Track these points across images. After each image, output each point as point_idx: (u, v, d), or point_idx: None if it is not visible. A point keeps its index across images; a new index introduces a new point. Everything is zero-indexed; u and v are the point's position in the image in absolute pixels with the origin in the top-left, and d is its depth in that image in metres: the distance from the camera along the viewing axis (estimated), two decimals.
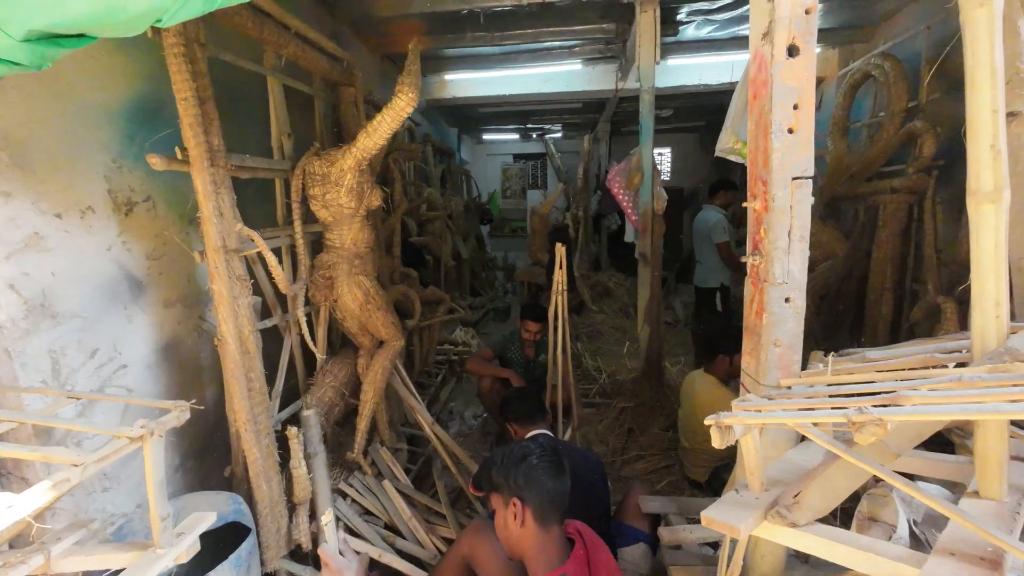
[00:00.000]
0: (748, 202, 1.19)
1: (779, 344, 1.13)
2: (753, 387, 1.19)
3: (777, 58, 1.03)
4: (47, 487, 0.93)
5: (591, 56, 4.47)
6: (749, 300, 1.21)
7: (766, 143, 1.08)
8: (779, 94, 1.04)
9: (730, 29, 3.99)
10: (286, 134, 2.15)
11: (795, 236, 1.09)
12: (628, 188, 3.49)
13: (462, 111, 6.36)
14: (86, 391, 1.52)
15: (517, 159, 9.42)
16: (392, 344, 2.28)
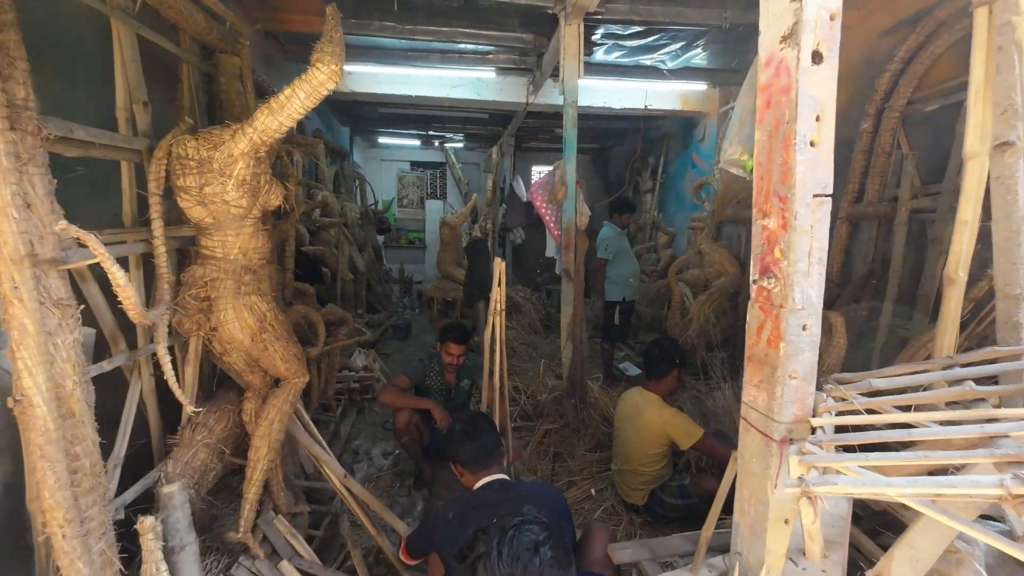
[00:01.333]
0: (756, 219, 1.08)
1: (795, 376, 1.03)
2: (765, 424, 1.07)
3: (803, 63, 0.94)
4: None
5: (505, 65, 4.35)
6: (757, 327, 1.10)
7: (787, 156, 0.98)
8: (804, 103, 0.95)
9: (635, 57, 4.21)
10: (141, 102, 1.57)
11: (815, 258, 1.00)
12: (551, 202, 3.39)
13: (358, 109, 5.79)
14: None
15: (415, 167, 8.97)
16: (293, 382, 1.79)
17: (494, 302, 2.15)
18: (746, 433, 1.15)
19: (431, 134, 7.48)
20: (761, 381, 1.09)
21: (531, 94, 4.59)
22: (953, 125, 2.38)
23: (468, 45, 3.95)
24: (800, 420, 1.04)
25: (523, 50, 3.98)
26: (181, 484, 1.47)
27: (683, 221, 5.25)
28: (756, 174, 1.09)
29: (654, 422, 2.30)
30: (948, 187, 2.38)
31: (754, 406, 1.12)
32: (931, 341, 2.10)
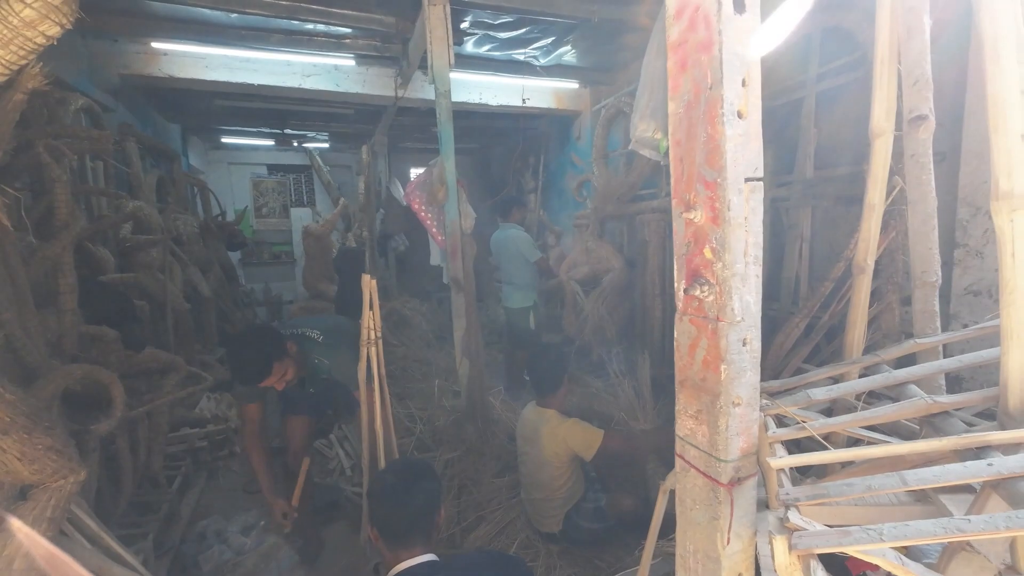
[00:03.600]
0: (678, 212, 0.87)
1: (739, 403, 0.84)
2: (708, 465, 0.87)
3: (725, 9, 0.73)
4: None
5: (365, 52, 3.85)
6: (689, 345, 0.89)
7: (713, 131, 0.77)
8: (729, 61, 0.75)
9: (507, 51, 4.03)
10: None
11: (751, 257, 0.81)
12: (431, 204, 3.03)
13: (186, 101, 4.75)
14: None
15: (273, 171, 7.84)
16: (50, 488, 1.18)
17: (366, 329, 1.74)
18: (685, 474, 0.94)
19: (288, 132, 6.55)
20: (699, 411, 0.88)
21: (400, 87, 4.16)
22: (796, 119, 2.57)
23: (317, 25, 3.39)
24: (747, 453, 0.85)
25: (385, 35, 3.55)
26: None
27: (568, 219, 5.27)
28: (673, 155, 0.87)
29: (554, 439, 2.10)
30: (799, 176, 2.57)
31: (692, 442, 0.91)
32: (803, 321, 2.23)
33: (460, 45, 3.75)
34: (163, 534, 2.26)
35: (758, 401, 0.87)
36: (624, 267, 3.97)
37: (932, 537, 0.51)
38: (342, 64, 4.07)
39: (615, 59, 4.32)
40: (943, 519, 0.52)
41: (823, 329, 2.13)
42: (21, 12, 0.86)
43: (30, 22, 0.87)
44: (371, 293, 1.71)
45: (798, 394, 0.96)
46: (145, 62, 3.60)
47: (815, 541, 0.57)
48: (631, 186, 3.97)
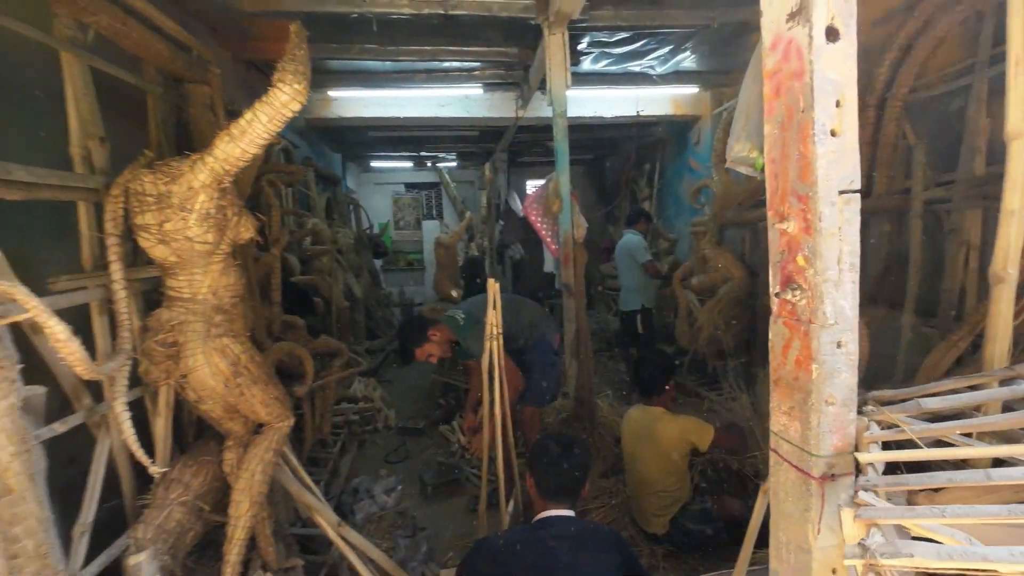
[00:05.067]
0: (772, 223, 0.95)
1: (832, 402, 0.88)
2: (800, 459, 0.92)
3: (816, 41, 0.81)
4: None
5: (492, 80, 4.30)
6: (783, 347, 0.96)
7: (805, 149, 0.85)
8: (821, 88, 0.82)
9: (623, 64, 4.14)
10: (96, 138, 1.47)
11: (846, 264, 0.86)
12: (546, 216, 3.28)
13: (348, 134, 5.75)
14: None
15: (410, 188, 8.93)
16: (276, 427, 1.65)
17: (490, 325, 2.02)
18: (778, 467, 1.00)
19: (423, 155, 7.44)
20: (792, 408, 0.95)
21: (520, 108, 4.52)
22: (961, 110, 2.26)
23: (453, 63, 3.90)
24: (842, 452, 0.89)
25: (509, 64, 3.92)
26: (151, 552, 1.33)
27: (683, 227, 5.12)
28: (769, 172, 0.96)
29: (670, 433, 2.17)
30: (963, 175, 2.25)
31: (785, 437, 0.97)
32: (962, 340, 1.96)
33: (577, 65, 3.97)
34: (328, 485, 2.83)
35: (855, 402, 0.90)
36: (745, 277, 3.77)
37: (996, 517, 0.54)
38: (471, 93, 4.56)
39: (737, 60, 4.13)
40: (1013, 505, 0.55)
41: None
42: (280, 97, 1.28)
43: (286, 103, 1.29)
44: (494, 295, 1.99)
45: (909, 403, 0.95)
46: (322, 107, 4.49)
47: (878, 513, 0.63)
48: (754, 191, 3.76)
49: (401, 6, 2.79)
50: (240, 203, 1.57)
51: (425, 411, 4.05)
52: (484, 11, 2.90)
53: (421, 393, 4.46)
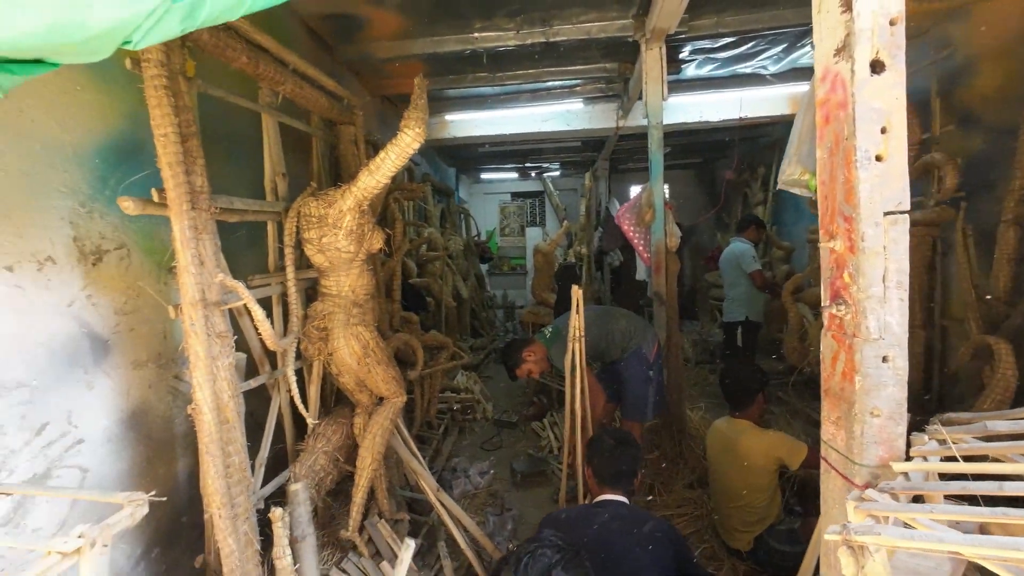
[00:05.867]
0: (822, 242, 1.01)
1: (877, 414, 0.92)
2: (845, 466, 0.97)
3: (859, 75, 0.88)
4: None
5: (592, 95, 4.46)
6: (831, 358, 1.01)
7: (849, 174, 0.91)
8: (864, 117, 0.88)
9: (731, 67, 4.00)
10: (280, 174, 1.99)
11: (891, 282, 0.90)
12: (639, 225, 3.35)
13: (461, 151, 6.35)
14: (28, 476, 1.26)
15: (515, 197, 9.43)
16: (393, 401, 2.04)
17: (572, 328, 2.20)
18: (827, 475, 1.04)
19: (528, 166, 7.84)
20: (839, 418, 0.99)
21: (621, 119, 4.61)
22: None
23: (554, 82, 4.15)
24: (887, 464, 0.92)
25: (608, 78, 4.05)
26: (304, 484, 1.76)
27: (801, 233, 4.72)
28: (820, 194, 1.02)
29: (756, 447, 2.12)
30: None
31: (833, 445, 1.01)
32: None
33: (679, 73, 3.95)
34: (432, 460, 3.24)
35: (904, 417, 0.92)
36: None
37: (979, 517, 0.58)
38: (572, 107, 4.77)
39: None
40: (998, 508, 0.59)
41: None
42: (405, 139, 1.64)
43: (409, 143, 1.64)
44: (577, 300, 2.17)
45: (976, 424, 0.92)
46: (440, 129, 5.07)
47: (876, 506, 0.69)
48: None
49: (507, 39, 3.11)
50: (373, 219, 1.99)
51: (519, 407, 4.34)
52: (583, 35, 3.09)
53: (517, 391, 4.76)
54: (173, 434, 1.72)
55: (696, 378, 4.94)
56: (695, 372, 5.10)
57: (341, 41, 3.14)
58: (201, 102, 1.57)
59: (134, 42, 0.88)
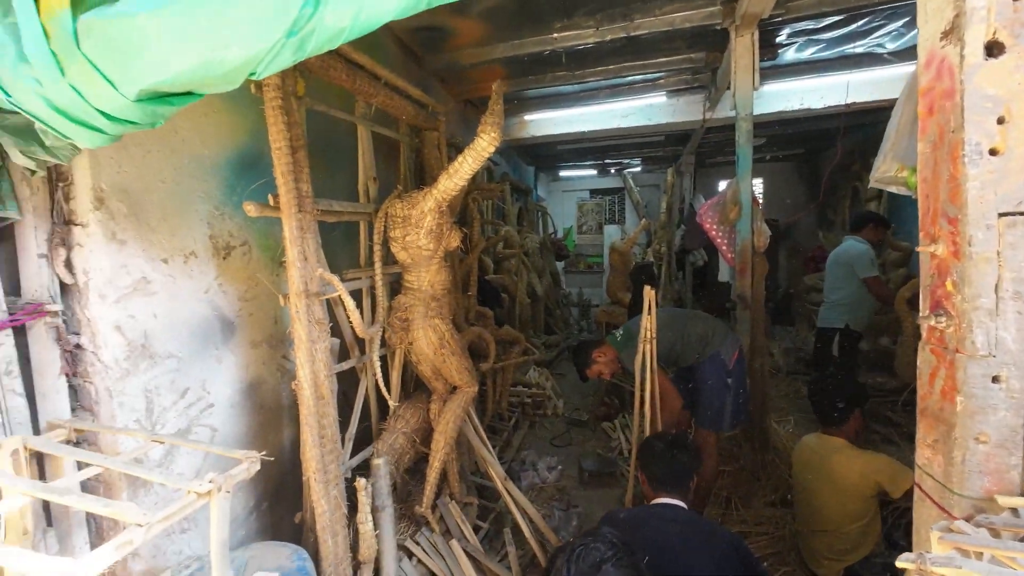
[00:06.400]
0: (922, 246, 0.91)
1: (984, 440, 0.82)
2: (941, 495, 0.87)
3: (969, 60, 0.78)
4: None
5: (676, 88, 4.28)
6: (929, 374, 0.91)
7: (954, 170, 0.82)
8: (973, 107, 0.79)
9: (838, 48, 3.61)
10: (372, 178, 2.20)
11: (1007, 292, 0.79)
12: (723, 223, 3.16)
13: (540, 149, 6.41)
14: (174, 430, 1.55)
15: (594, 194, 9.30)
16: (465, 391, 2.16)
17: (644, 329, 2.17)
18: (920, 504, 0.95)
19: (607, 162, 7.69)
20: (936, 441, 0.90)
21: (708, 111, 4.36)
22: None
23: (636, 76, 4.05)
24: (992, 497, 0.81)
25: (694, 69, 3.86)
26: (385, 459, 1.94)
27: None
28: (921, 192, 0.92)
29: (851, 468, 1.93)
30: None
31: (928, 471, 0.92)
32: None
33: (775, 59, 3.65)
34: (502, 451, 3.36)
35: (1019, 446, 0.81)
36: None
37: None
38: (654, 101, 4.61)
39: None
40: None
41: None
42: (481, 143, 1.73)
43: (485, 147, 1.73)
44: (650, 301, 2.12)
45: None
46: (519, 129, 5.17)
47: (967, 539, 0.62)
48: None
49: (587, 37, 3.10)
50: (452, 219, 2.12)
51: (590, 407, 4.31)
52: (666, 26, 2.99)
53: (589, 390, 4.73)
54: (281, 406, 1.99)
55: (787, 390, 4.55)
56: (786, 383, 4.69)
57: (428, 51, 3.35)
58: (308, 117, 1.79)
59: (258, 73, 1.05)
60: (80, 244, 1.34)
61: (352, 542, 1.77)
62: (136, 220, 1.45)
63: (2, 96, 1.03)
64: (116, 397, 1.39)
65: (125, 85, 0.99)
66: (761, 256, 2.94)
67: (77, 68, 0.97)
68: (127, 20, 0.91)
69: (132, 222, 1.43)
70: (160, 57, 0.95)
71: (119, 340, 1.40)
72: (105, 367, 1.36)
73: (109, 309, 1.38)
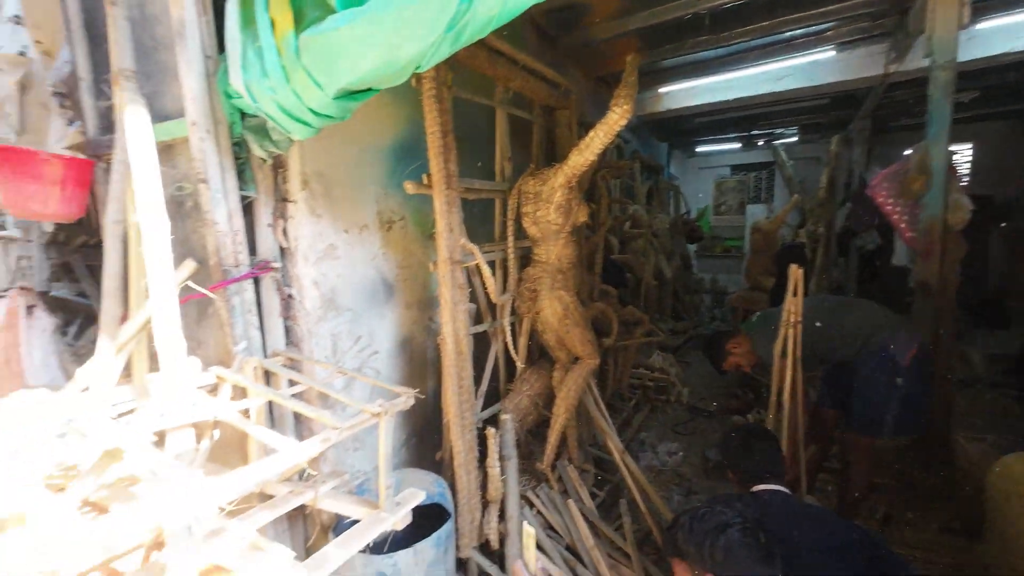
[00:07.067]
0: None
1: None
2: None
3: None
4: (318, 441, 1.18)
5: (847, 39, 3.65)
6: None
7: None
8: None
9: None
10: (507, 158, 2.36)
11: None
12: (901, 196, 2.66)
13: (675, 124, 6.03)
14: (351, 369, 1.93)
15: (735, 170, 8.42)
16: (587, 362, 2.24)
17: (787, 313, 1.98)
18: None
19: (755, 133, 6.88)
20: None
21: (893, 62, 3.64)
22: None
23: (795, 31, 3.55)
24: None
25: (875, 14, 3.25)
26: (511, 416, 2.14)
27: None
28: None
29: None
30: None
31: None
32: None
33: None
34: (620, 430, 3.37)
35: None
36: None
37: None
38: (819, 58, 4.00)
39: None
40: None
41: None
42: (612, 117, 1.75)
43: (616, 121, 1.75)
44: (796, 282, 1.93)
45: None
46: (653, 103, 4.94)
47: None
48: None
49: None
50: (580, 195, 2.18)
51: (718, 397, 4.06)
52: None
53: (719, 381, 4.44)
54: (426, 360, 2.31)
55: (987, 404, 3.69)
56: (986, 396, 3.80)
57: (563, 30, 3.39)
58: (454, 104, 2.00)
59: (422, 66, 1.23)
60: (292, 217, 1.74)
61: (481, 482, 2.00)
62: (328, 198, 1.81)
63: (251, 102, 1.38)
64: (313, 337, 1.78)
65: (328, 86, 1.26)
66: (957, 236, 2.42)
67: (298, 76, 1.27)
68: (333, 33, 1.16)
69: (325, 200, 1.80)
70: (353, 60, 1.18)
71: (315, 293, 1.79)
72: (307, 313, 1.76)
73: (309, 268, 1.76)
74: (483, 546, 1.99)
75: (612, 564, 2.01)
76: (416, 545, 1.55)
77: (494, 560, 1.97)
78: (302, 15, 1.26)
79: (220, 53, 1.51)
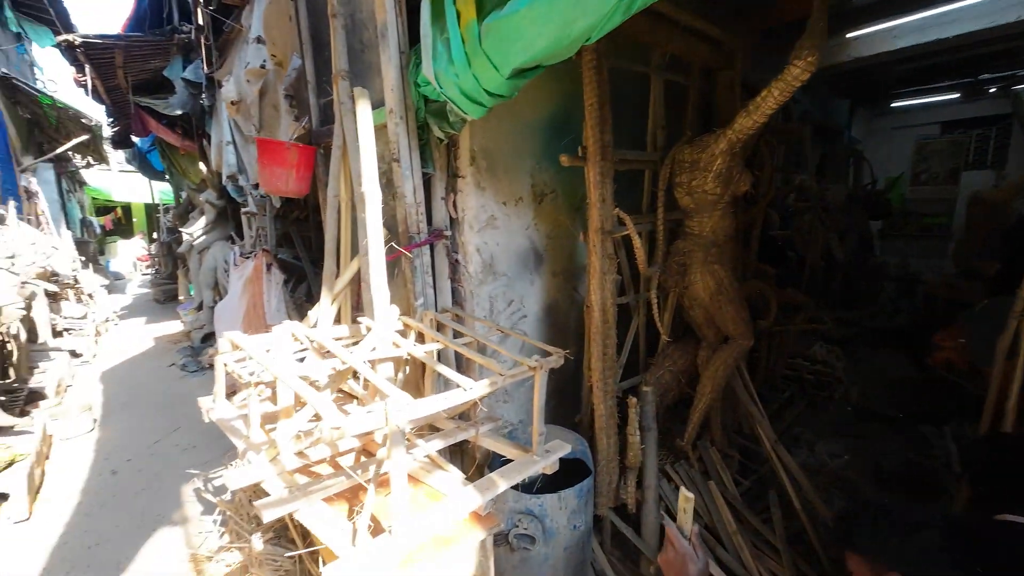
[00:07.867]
0: None
1: None
2: None
3: None
4: (486, 384, 1.36)
5: None
6: None
7: None
8: None
9: None
10: (660, 127, 2.28)
11: None
12: None
13: (865, 75, 5.03)
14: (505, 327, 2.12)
15: (947, 129, 6.71)
16: (739, 342, 2.11)
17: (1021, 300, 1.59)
18: None
19: (984, 78, 5.37)
20: None
21: None
22: None
23: None
24: None
25: None
26: (652, 389, 2.13)
27: None
28: None
29: None
30: None
31: None
32: None
33: None
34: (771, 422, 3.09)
35: None
36: None
37: None
38: None
39: None
40: None
41: None
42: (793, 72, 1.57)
43: (797, 75, 1.57)
44: None
45: None
46: (834, 53, 4.18)
47: None
48: None
49: None
50: (741, 162, 2.01)
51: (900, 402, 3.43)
52: None
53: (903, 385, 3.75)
54: (568, 327, 2.42)
55: None
56: None
57: None
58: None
59: (592, 38, 1.27)
60: (460, 190, 1.95)
61: (620, 448, 2.06)
62: (491, 173, 1.99)
63: (437, 88, 1.59)
64: (475, 298, 2.01)
65: (504, 67, 1.38)
66: None
67: (478, 61, 1.41)
68: (513, 17, 1.26)
69: (488, 174, 1.98)
70: (529, 40, 1.28)
71: (478, 259, 2.00)
72: (470, 276, 1.98)
73: (474, 236, 1.97)
74: (619, 508, 2.06)
75: (757, 555, 1.92)
76: (561, 492, 1.69)
77: (628, 524, 2.04)
78: (483, 4, 1.39)
79: (411, 48, 1.75)
